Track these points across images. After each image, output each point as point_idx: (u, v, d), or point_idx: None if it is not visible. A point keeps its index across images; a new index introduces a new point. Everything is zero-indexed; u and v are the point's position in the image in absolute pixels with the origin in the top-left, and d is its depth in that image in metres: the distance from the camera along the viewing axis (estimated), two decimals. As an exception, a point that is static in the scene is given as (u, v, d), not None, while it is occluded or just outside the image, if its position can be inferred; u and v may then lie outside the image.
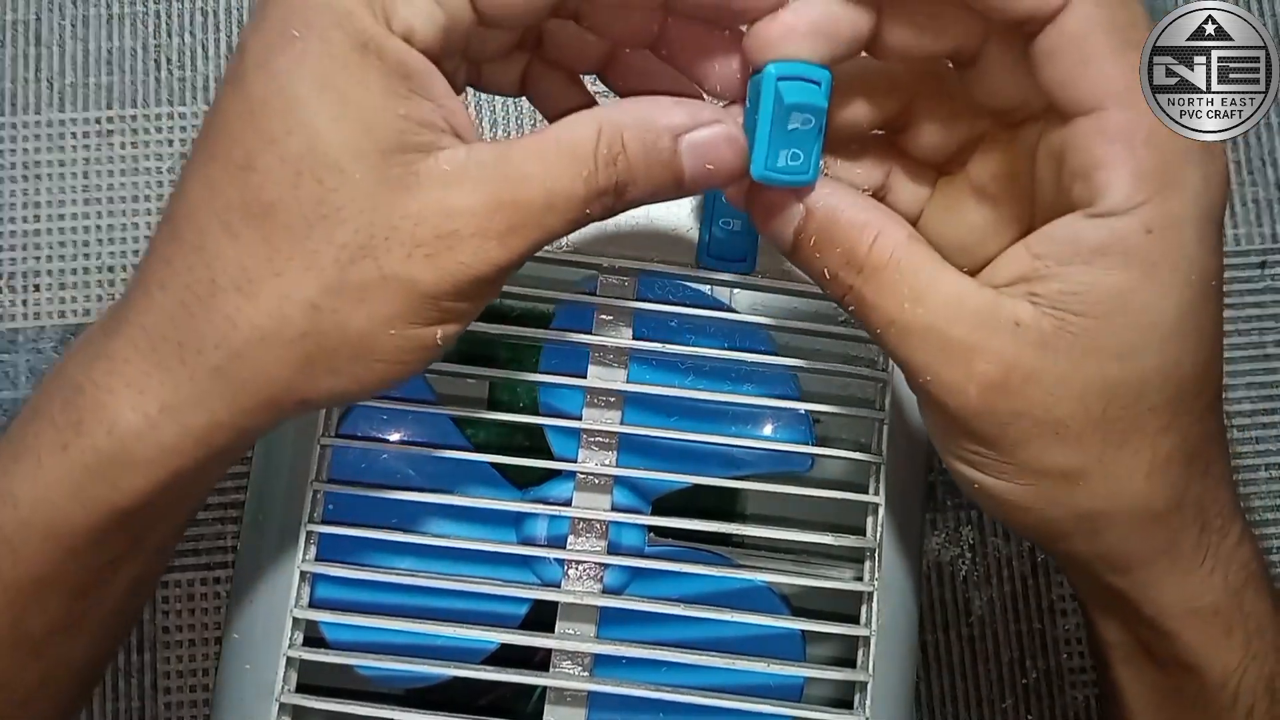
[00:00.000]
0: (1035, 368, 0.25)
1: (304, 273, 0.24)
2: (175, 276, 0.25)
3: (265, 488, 0.32)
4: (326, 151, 0.24)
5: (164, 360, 0.25)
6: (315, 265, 0.24)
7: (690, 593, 0.33)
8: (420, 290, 0.25)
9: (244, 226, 0.25)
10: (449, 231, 0.25)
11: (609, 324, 0.33)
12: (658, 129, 0.26)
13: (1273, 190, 0.48)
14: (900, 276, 0.26)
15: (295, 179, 0.24)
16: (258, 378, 0.25)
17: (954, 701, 0.44)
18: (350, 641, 0.32)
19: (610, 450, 0.33)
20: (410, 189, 0.25)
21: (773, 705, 0.32)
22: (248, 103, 0.25)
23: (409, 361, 0.26)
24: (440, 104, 0.25)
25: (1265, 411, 0.47)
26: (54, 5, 0.47)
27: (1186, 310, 0.25)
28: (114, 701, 0.43)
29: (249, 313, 0.25)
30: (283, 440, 0.32)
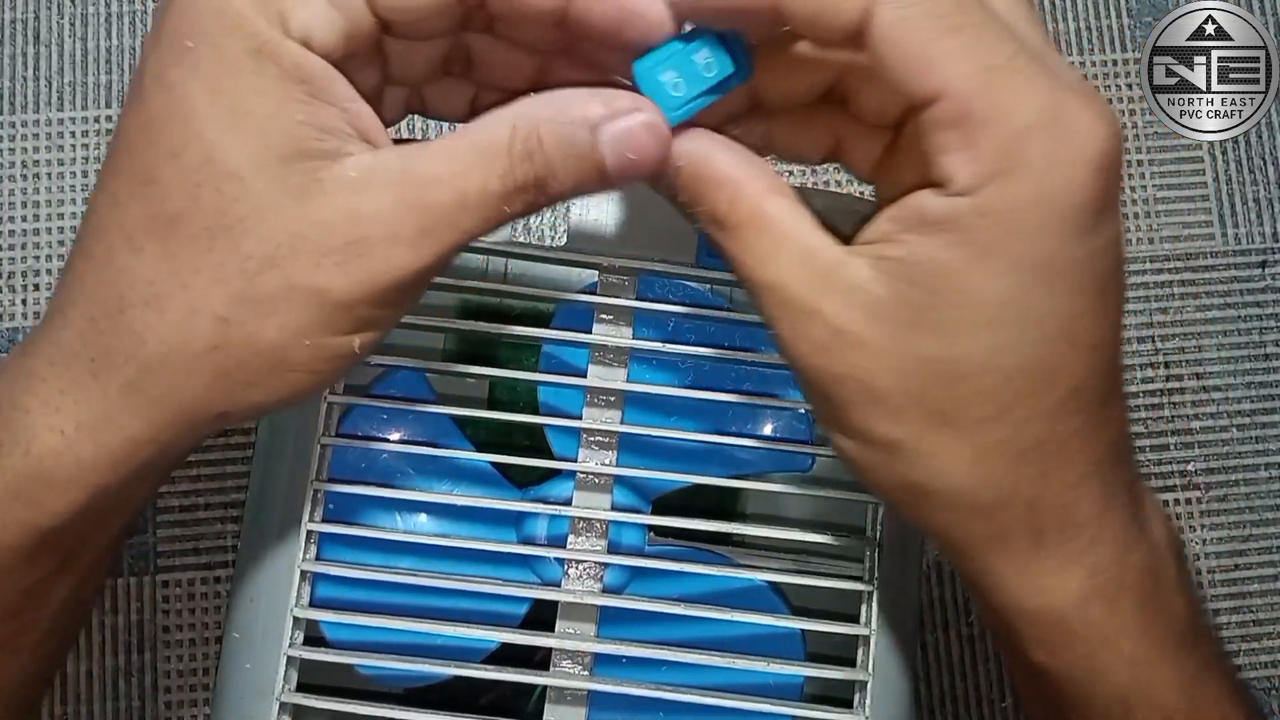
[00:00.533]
0: (861, 334, 0.25)
1: (210, 286, 0.24)
2: (85, 293, 0.25)
3: (265, 487, 0.32)
4: (224, 161, 0.24)
5: (77, 378, 0.25)
6: (221, 278, 0.24)
7: (690, 592, 0.33)
8: (332, 299, 0.24)
9: (148, 241, 0.24)
10: (358, 238, 0.24)
11: (609, 324, 0.33)
12: (574, 121, 0.25)
13: (1273, 190, 0.48)
14: (755, 234, 0.26)
15: (195, 191, 0.24)
16: (171, 393, 0.25)
17: (954, 701, 0.44)
18: (350, 641, 0.32)
19: (610, 450, 0.33)
20: (314, 196, 0.24)
21: (772, 704, 0.32)
22: (146, 117, 0.24)
23: (325, 371, 0.26)
24: (345, 109, 0.25)
25: (1265, 411, 0.47)
26: (53, 4, 0.47)
27: (1014, 297, 0.24)
28: (114, 701, 0.43)
29: (157, 327, 0.24)
30: (283, 440, 0.32)
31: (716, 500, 0.37)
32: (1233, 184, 0.48)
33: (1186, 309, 0.47)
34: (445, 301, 0.35)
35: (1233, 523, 0.46)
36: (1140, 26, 0.49)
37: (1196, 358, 0.47)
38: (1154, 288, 0.47)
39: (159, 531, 0.44)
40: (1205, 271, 0.48)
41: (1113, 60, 0.49)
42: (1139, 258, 0.48)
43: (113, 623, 0.43)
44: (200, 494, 0.44)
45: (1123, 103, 0.49)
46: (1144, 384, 0.47)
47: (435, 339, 0.37)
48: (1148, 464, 0.46)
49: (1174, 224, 0.48)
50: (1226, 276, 0.48)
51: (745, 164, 0.26)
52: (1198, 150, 0.48)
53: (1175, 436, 0.47)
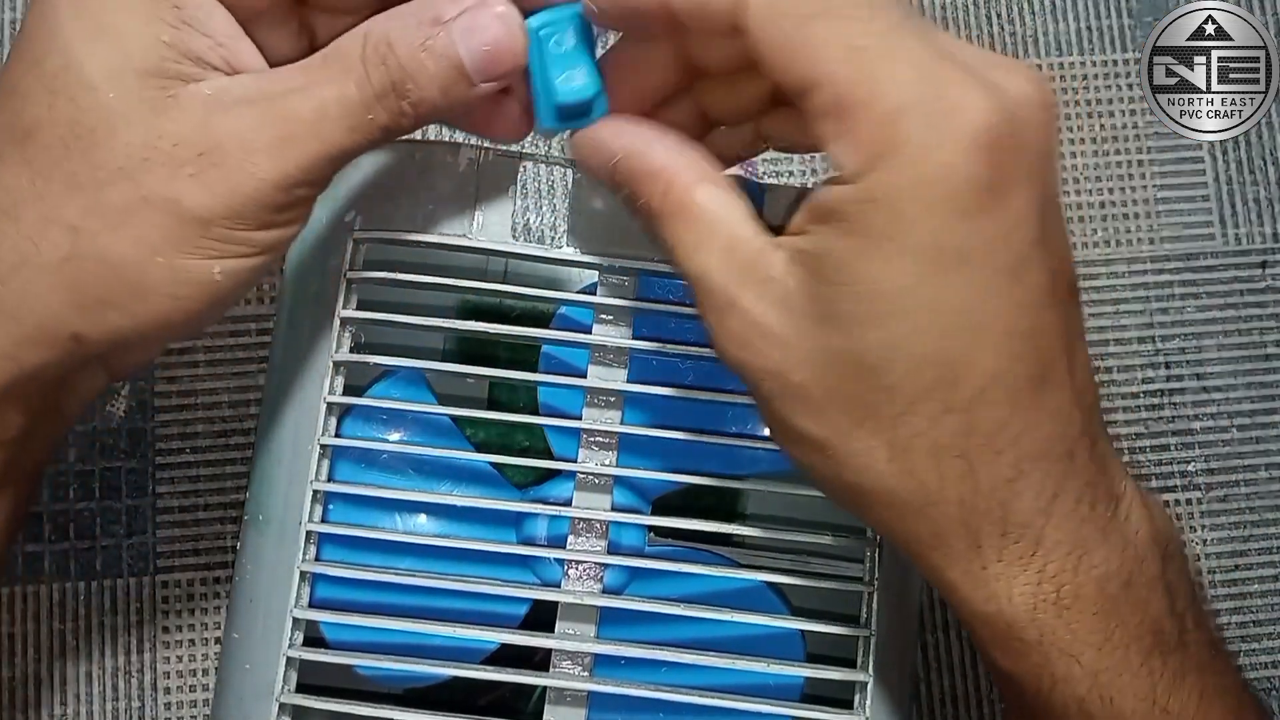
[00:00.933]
0: (775, 328, 0.25)
1: (64, 194, 0.24)
2: None
3: (265, 487, 0.32)
4: (80, 71, 0.24)
5: None
6: (74, 185, 0.24)
7: (690, 592, 0.33)
8: (187, 212, 0.25)
9: (8, 148, 0.25)
10: (212, 147, 0.24)
11: (609, 324, 0.33)
12: (423, 21, 0.25)
13: (1273, 190, 0.48)
14: (685, 224, 0.26)
15: (51, 99, 0.24)
16: (24, 305, 0.25)
17: (954, 701, 0.44)
18: (350, 641, 0.32)
19: (610, 450, 0.33)
20: (168, 110, 0.25)
21: (772, 705, 0.32)
22: (22, 36, 0.25)
23: (186, 299, 0.25)
24: (219, 42, 0.25)
25: (1265, 411, 0.47)
26: (53, 5, 0.47)
27: (910, 285, 0.23)
28: (114, 701, 0.43)
29: (13, 236, 0.25)
30: (282, 440, 0.32)
31: (716, 500, 0.37)
32: (1233, 184, 0.48)
33: (1187, 309, 0.47)
34: (445, 301, 0.35)
35: (1233, 523, 0.46)
36: (1140, 26, 0.49)
37: (1197, 358, 0.47)
38: (1154, 288, 0.47)
39: (159, 531, 0.44)
40: (1206, 272, 0.48)
41: (1113, 60, 0.49)
42: (1139, 258, 0.48)
43: (113, 623, 0.43)
44: (200, 494, 0.44)
45: (1123, 103, 0.48)
46: (1144, 384, 0.47)
47: (435, 339, 0.37)
48: (1148, 464, 0.46)
49: (1174, 224, 0.48)
50: (1227, 277, 0.48)
51: (679, 154, 0.26)
52: (1198, 150, 0.48)
53: (1175, 437, 0.47)
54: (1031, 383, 0.24)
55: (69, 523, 0.43)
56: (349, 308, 0.33)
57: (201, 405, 0.44)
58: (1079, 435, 0.25)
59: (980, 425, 0.24)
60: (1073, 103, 0.48)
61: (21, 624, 0.43)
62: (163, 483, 0.44)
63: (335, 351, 0.32)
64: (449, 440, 0.35)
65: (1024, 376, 0.24)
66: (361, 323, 0.33)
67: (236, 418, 0.44)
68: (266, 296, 0.45)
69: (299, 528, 0.32)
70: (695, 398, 0.33)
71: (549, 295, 0.33)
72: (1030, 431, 0.25)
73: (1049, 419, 0.25)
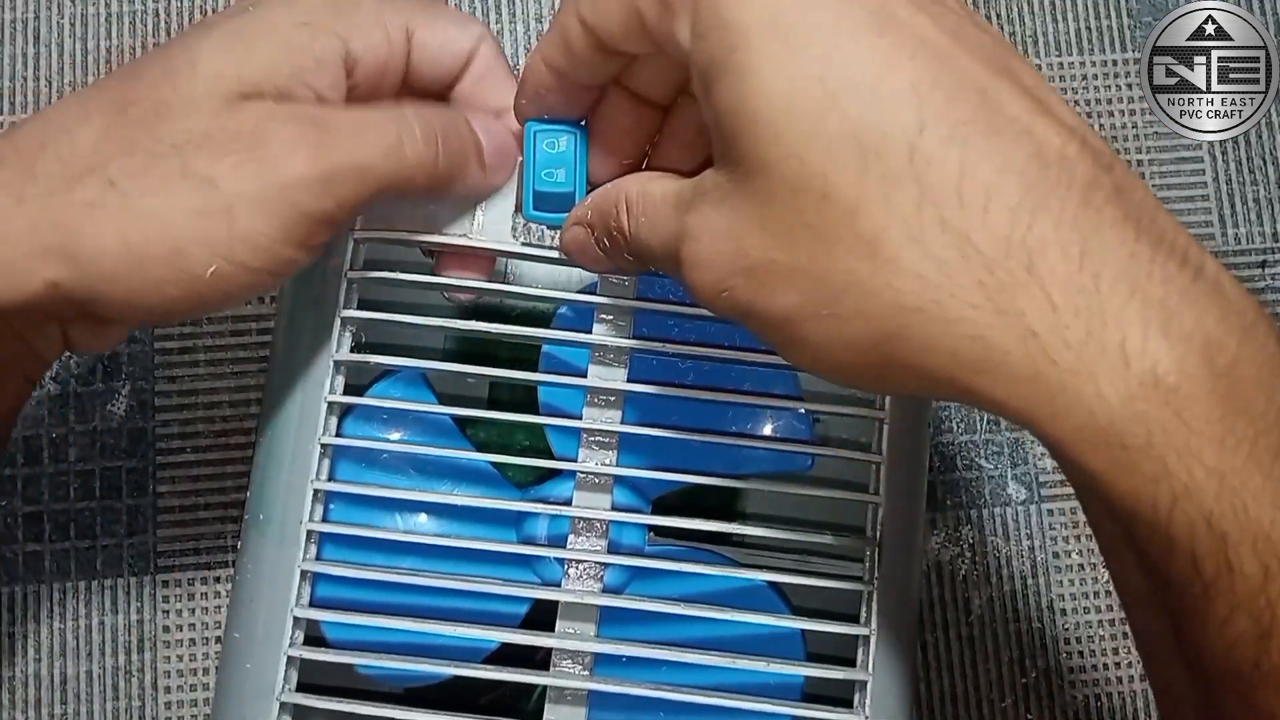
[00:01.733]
0: (719, 227, 0.24)
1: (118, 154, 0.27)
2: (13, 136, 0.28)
3: (265, 487, 0.32)
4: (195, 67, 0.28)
5: None
6: (131, 149, 0.27)
7: (690, 592, 0.33)
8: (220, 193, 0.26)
9: (100, 113, 0.27)
10: (259, 143, 0.27)
11: (609, 323, 0.33)
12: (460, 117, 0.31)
13: (1273, 190, 0.48)
14: (646, 215, 0.27)
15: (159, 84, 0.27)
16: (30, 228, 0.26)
17: (954, 701, 0.44)
18: (350, 641, 0.32)
19: (610, 450, 0.33)
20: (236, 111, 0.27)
21: (773, 704, 0.32)
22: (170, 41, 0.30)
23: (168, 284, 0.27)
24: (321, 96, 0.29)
25: (1265, 411, 0.47)
26: (53, 4, 0.47)
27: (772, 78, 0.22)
28: (114, 701, 0.43)
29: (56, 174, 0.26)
30: (283, 439, 0.32)
31: (716, 500, 0.37)
32: (1233, 184, 0.48)
33: (1186, 309, 0.47)
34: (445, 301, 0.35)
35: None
36: (1140, 26, 0.49)
37: (1196, 358, 0.47)
38: (1154, 288, 0.47)
39: (159, 531, 0.44)
40: (1205, 271, 0.48)
41: (1113, 60, 0.49)
42: (1139, 258, 0.48)
43: (113, 623, 0.43)
44: (200, 494, 0.44)
45: (1123, 103, 0.49)
46: (1144, 384, 0.47)
47: (435, 339, 0.37)
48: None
49: (1174, 224, 0.48)
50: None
51: (626, 177, 0.29)
52: (1198, 150, 0.48)
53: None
54: (974, 127, 0.21)
55: (69, 522, 0.44)
56: (350, 307, 0.33)
57: (202, 405, 0.44)
58: (1089, 186, 0.21)
59: (939, 184, 0.21)
60: (1073, 102, 0.48)
61: (21, 624, 0.43)
62: (163, 482, 0.44)
63: (336, 351, 0.32)
64: (449, 440, 0.35)
65: (958, 121, 0.21)
66: (362, 322, 0.33)
67: (237, 417, 0.44)
68: (267, 297, 0.45)
69: (300, 527, 0.32)
70: (695, 397, 0.33)
71: (549, 295, 0.33)
72: (1006, 178, 0.21)
73: (1027, 165, 0.21)
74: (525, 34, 0.48)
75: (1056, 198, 0.21)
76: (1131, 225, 0.21)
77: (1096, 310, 0.20)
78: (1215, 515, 0.20)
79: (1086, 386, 0.20)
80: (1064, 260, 0.20)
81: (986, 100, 0.22)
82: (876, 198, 0.21)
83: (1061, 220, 0.21)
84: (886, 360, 0.22)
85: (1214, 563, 0.21)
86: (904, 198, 0.21)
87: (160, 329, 0.45)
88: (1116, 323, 0.20)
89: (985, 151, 0.21)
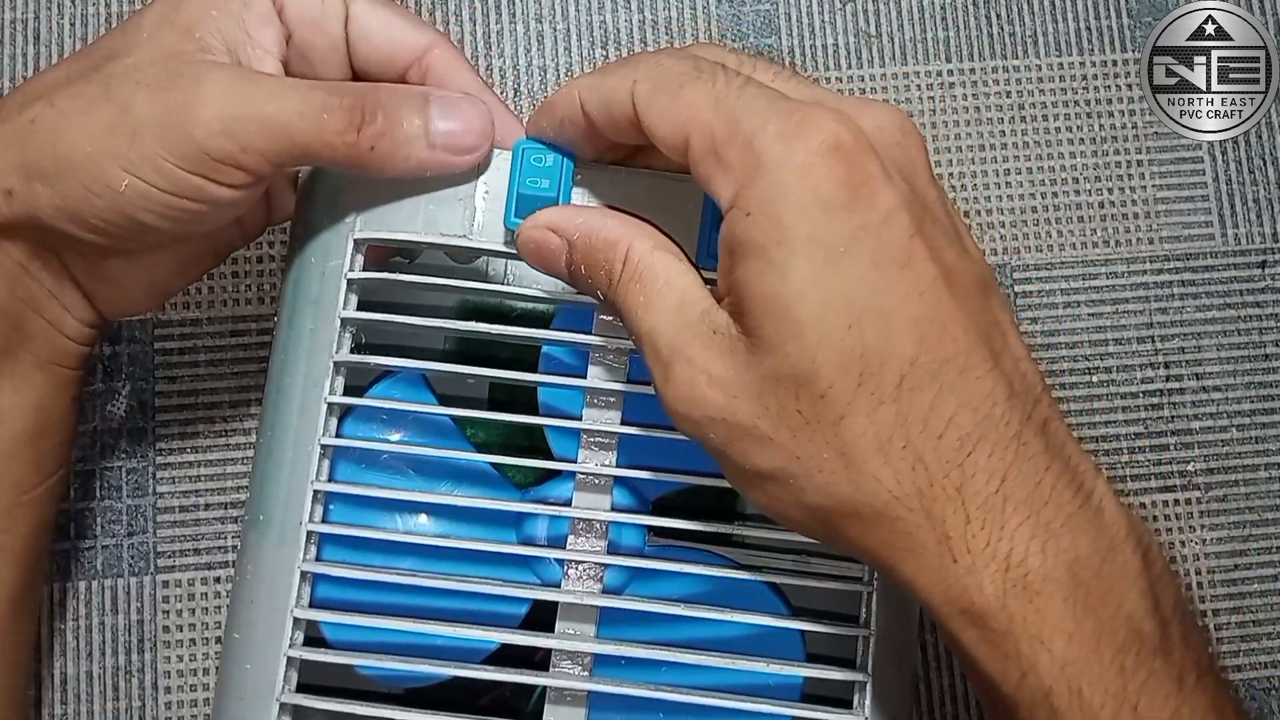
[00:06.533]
0: (718, 373, 0.26)
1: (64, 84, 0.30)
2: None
3: (266, 488, 0.32)
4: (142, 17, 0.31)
5: None
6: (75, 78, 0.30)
7: (690, 592, 0.33)
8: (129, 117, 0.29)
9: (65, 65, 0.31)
10: (176, 76, 0.29)
11: (609, 324, 0.33)
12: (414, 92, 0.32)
13: (1273, 190, 0.48)
14: (640, 285, 0.28)
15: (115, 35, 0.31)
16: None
17: (954, 701, 0.44)
18: (350, 641, 0.33)
19: (610, 450, 0.33)
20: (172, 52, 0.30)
21: (772, 705, 0.32)
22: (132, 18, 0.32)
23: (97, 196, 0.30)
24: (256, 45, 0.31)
25: (1265, 411, 0.47)
26: (53, 4, 0.47)
27: (808, 284, 0.25)
28: (114, 701, 0.43)
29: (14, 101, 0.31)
30: (283, 440, 0.32)
31: (716, 501, 0.37)
32: (1233, 184, 0.48)
33: (1186, 309, 0.47)
34: (445, 302, 0.35)
35: (1233, 523, 0.46)
36: (1140, 26, 0.49)
37: (1196, 358, 0.47)
38: (1154, 288, 0.47)
39: (159, 531, 0.44)
40: (1205, 271, 0.48)
41: (1113, 60, 0.49)
42: (1139, 258, 0.48)
43: (113, 623, 0.43)
44: (200, 494, 0.44)
45: (1122, 103, 0.48)
46: (1144, 384, 0.47)
47: (435, 339, 0.37)
48: (1147, 464, 0.46)
49: (1174, 224, 0.48)
50: (1226, 277, 0.48)
51: (634, 226, 0.29)
52: (1198, 150, 0.48)
53: (1175, 436, 0.47)
54: (951, 367, 0.26)
55: (69, 522, 0.43)
56: (349, 308, 0.33)
57: (202, 405, 0.44)
58: (1023, 422, 0.26)
59: (913, 410, 0.25)
60: (1073, 103, 0.48)
61: (22, 624, 0.43)
62: (163, 482, 0.44)
63: (336, 352, 0.32)
64: (449, 440, 0.35)
65: (940, 360, 0.25)
66: (362, 323, 0.33)
67: (237, 417, 0.44)
68: (267, 297, 0.45)
69: (300, 528, 0.32)
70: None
71: (549, 296, 0.33)
72: (964, 412, 0.25)
73: (982, 402, 0.26)
74: (525, 34, 0.48)
75: (996, 431, 0.26)
76: (1045, 459, 0.26)
77: (998, 526, 0.25)
78: (1054, 692, 0.25)
79: (972, 581, 0.25)
80: (986, 484, 0.25)
81: (965, 344, 0.26)
82: (863, 409, 0.25)
83: (995, 450, 0.25)
84: (832, 529, 0.27)
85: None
86: (884, 415, 0.25)
87: (160, 329, 0.45)
88: (1009, 538, 0.25)
89: (955, 389, 0.25)
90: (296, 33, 0.32)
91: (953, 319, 0.26)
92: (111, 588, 0.43)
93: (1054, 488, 0.26)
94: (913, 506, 0.25)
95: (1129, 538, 0.26)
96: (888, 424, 0.25)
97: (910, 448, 0.25)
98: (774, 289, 0.25)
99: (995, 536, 0.25)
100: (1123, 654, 0.26)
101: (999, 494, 0.25)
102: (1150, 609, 0.26)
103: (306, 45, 0.32)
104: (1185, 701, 0.26)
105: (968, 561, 0.25)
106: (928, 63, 0.48)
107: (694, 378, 0.27)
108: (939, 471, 0.25)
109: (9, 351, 0.33)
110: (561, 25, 0.48)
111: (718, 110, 0.26)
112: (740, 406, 0.26)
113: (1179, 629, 0.27)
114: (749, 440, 0.26)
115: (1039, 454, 0.26)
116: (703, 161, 0.26)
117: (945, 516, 0.25)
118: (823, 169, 0.25)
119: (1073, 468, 0.27)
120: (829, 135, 0.25)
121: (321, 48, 0.32)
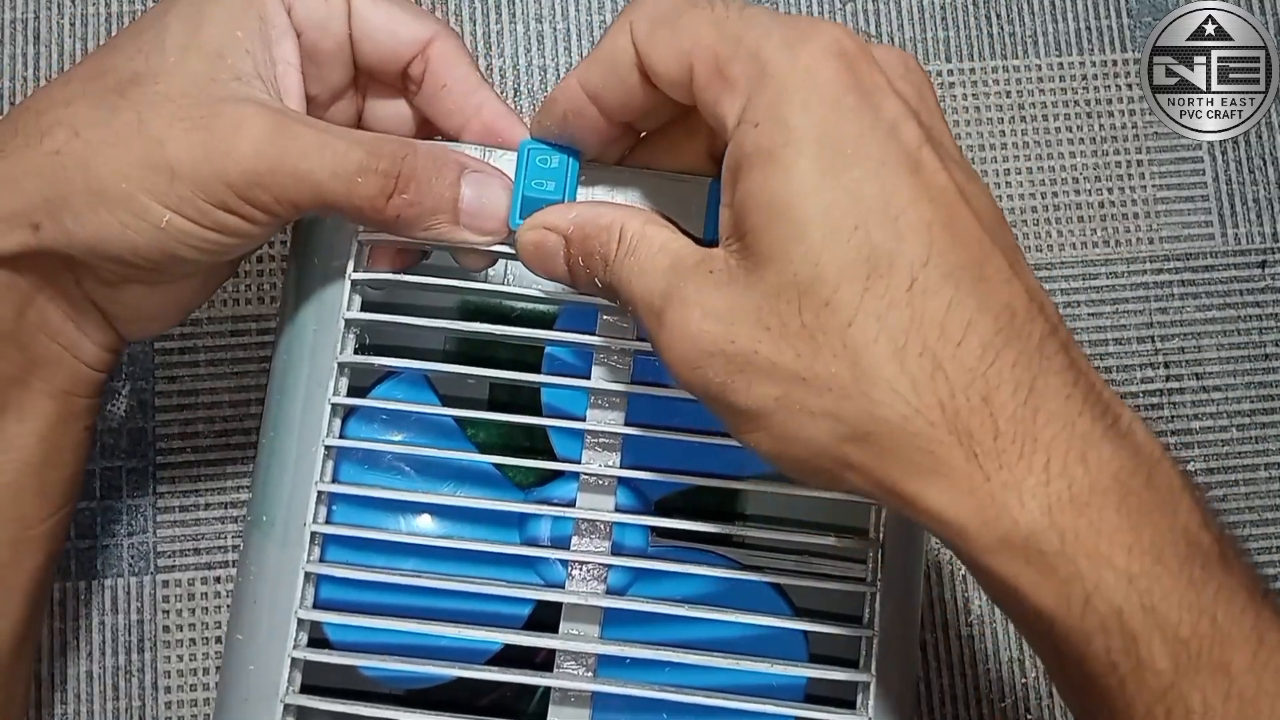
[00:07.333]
0: (713, 305, 0.25)
1: (86, 110, 0.29)
2: None
3: (269, 488, 0.32)
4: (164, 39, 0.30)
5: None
6: (98, 106, 0.29)
7: (693, 593, 0.33)
8: (164, 156, 0.28)
9: (80, 80, 0.30)
10: (214, 117, 0.28)
11: (612, 324, 0.33)
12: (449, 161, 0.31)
13: (1273, 190, 0.48)
14: (634, 259, 0.28)
15: (134, 55, 0.30)
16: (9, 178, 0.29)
17: (954, 701, 0.45)
18: (354, 642, 0.32)
19: (614, 451, 0.33)
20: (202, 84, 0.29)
21: (775, 705, 0.32)
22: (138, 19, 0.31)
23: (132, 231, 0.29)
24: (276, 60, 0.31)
25: (1265, 411, 0.47)
26: (53, 4, 0.47)
27: (815, 183, 0.24)
28: (114, 701, 0.43)
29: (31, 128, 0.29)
30: (286, 441, 0.32)
31: (719, 501, 0.37)
32: (1233, 184, 0.48)
33: (1186, 309, 0.47)
34: (447, 303, 0.35)
35: (1233, 523, 0.46)
36: (1140, 26, 0.49)
37: (1196, 358, 0.47)
38: (1154, 288, 0.47)
39: (159, 531, 0.44)
40: (1205, 271, 0.48)
41: (1113, 60, 0.49)
42: (1139, 258, 0.48)
43: (113, 623, 0.43)
44: (200, 494, 0.44)
45: (1122, 103, 0.49)
46: (1144, 384, 0.47)
47: (437, 340, 0.37)
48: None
49: (1174, 224, 0.48)
50: (1226, 276, 0.48)
51: (625, 208, 0.29)
52: (1198, 150, 0.49)
53: (1175, 436, 0.47)
54: (967, 271, 0.24)
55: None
56: (353, 309, 0.33)
57: (202, 405, 0.44)
58: (1045, 335, 0.24)
59: (928, 314, 0.24)
60: (1073, 103, 0.48)
61: (22, 624, 0.43)
62: (163, 482, 0.44)
63: (340, 353, 0.32)
64: (452, 441, 0.35)
65: (956, 264, 0.24)
66: (365, 324, 0.33)
67: (237, 417, 0.44)
68: (267, 297, 0.45)
69: (303, 529, 0.32)
70: (699, 399, 0.33)
71: (553, 296, 0.33)
72: (984, 318, 0.24)
73: (1001, 310, 0.24)
74: (525, 34, 0.48)
75: (1020, 340, 0.24)
76: (1071, 374, 0.24)
77: (1030, 438, 0.23)
78: (1125, 613, 0.23)
79: (1012, 499, 0.23)
80: (1013, 395, 0.23)
81: (979, 251, 0.24)
82: (872, 313, 0.24)
83: (1019, 360, 0.24)
84: (843, 461, 0.25)
85: (1127, 659, 0.23)
86: (896, 318, 0.24)
87: (160, 329, 0.44)
88: (1045, 449, 0.23)
89: (972, 293, 0.24)
90: (304, 35, 0.32)
91: (966, 226, 0.24)
92: (111, 587, 0.43)
93: (1083, 404, 0.24)
94: (934, 420, 0.23)
95: (1165, 457, 0.25)
96: (900, 328, 0.23)
97: (928, 354, 0.23)
98: (777, 190, 0.24)
99: (1029, 449, 0.23)
100: (1189, 564, 0.23)
101: (1028, 405, 0.23)
102: (1203, 522, 0.24)
103: (313, 47, 0.32)
104: (1263, 610, 0.23)
105: (1003, 477, 0.23)
106: (928, 63, 0.48)
107: (687, 316, 0.26)
108: (961, 380, 0.23)
109: (19, 380, 0.32)
110: (561, 25, 0.48)
111: (720, 31, 0.26)
112: (739, 332, 0.25)
113: (1231, 546, 0.25)
114: (750, 371, 0.25)
115: (1064, 368, 0.24)
116: (708, 86, 0.26)
117: (972, 430, 0.23)
118: (828, 71, 0.24)
119: (1098, 391, 0.25)
120: (833, 40, 0.25)
121: (328, 49, 0.32)
